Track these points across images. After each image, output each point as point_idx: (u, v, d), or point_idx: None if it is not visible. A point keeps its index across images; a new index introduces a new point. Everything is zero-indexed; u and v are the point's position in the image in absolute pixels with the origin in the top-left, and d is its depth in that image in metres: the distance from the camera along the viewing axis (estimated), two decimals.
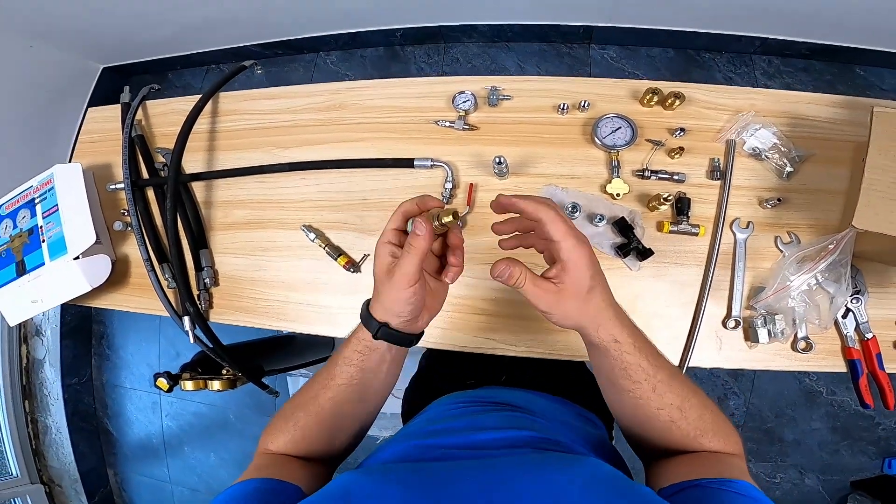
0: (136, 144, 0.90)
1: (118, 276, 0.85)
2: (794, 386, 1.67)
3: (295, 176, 0.83)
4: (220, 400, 1.93)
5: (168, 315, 0.80)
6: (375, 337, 0.44)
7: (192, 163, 0.89)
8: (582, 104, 0.74)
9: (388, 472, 0.39)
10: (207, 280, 0.80)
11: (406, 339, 0.46)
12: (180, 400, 2.01)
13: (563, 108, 0.75)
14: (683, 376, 0.46)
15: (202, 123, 0.90)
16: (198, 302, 0.79)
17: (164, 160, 0.90)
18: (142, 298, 0.84)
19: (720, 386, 1.71)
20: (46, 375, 1.98)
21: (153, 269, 0.80)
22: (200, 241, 0.83)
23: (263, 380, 0.98)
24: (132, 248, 0.85)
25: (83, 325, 2.10)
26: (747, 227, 0.69)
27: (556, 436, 0.49)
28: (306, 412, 0.49)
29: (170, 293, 0.81)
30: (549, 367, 0.75)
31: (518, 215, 0.44)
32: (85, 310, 2.08)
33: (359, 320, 0.47)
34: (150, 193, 0.88)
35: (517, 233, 0.47)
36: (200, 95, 0.87)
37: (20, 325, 1.80)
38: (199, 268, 0.82)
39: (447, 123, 0.78)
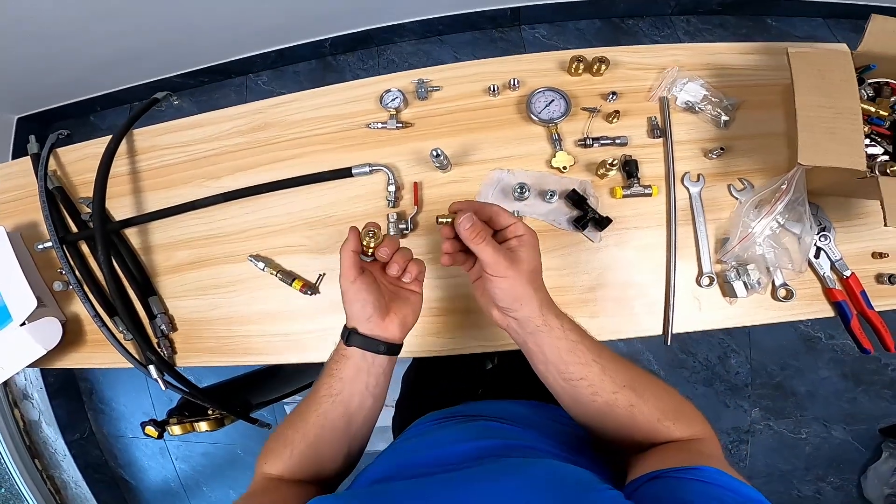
0: (57, 197, 0.83)
1: (73, 335, 0.81)
2: (791, 335, 1.68)
3: (232, 206, 0.78)
4: (225, 437, 1.92)
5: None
6: (347, 343, 0.48)
7: (120, 208, 0.83)
8: (512, 83, 0.72)
9: (352, 498, 0.41)
10: (164, 327, 0.76)
11: (374, 344, 0.48)
12: (186, 442, 2.01)
13: (493, 90, 0.73)
14: (626, 359, 0.47)
15: (122, 165, 0.84)
16: (159, 349, 0.75)
17: (89, 210, 0.83)
18: (104, 354, 0.80)
19: (717, 345, 1.71)
20: (47, 434, 1.96)
21: (104, 325, 0.76)
22: (147, 289, 0.78)
23: (257, 412, 0.96)
24: (81, 306, 0.80)
25: (69, 383, 2.05)
26: (698, 179, 0.68)
27: (525, 441, 0.48)
28: (295, 430, 0.51)
29: (129, 345, 0.77)
30: (527, 374, 0.73)
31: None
32: (66, 369, 2.04)
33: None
34: (85, 248, 0.82)
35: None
36: (111, 136, 0.81)
37: (5, 391, 1.88)
38: (151, 316, 0.77)
39: (379, 125, 0.74)
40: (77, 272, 0.78)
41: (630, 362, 0.47)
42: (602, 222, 0.67)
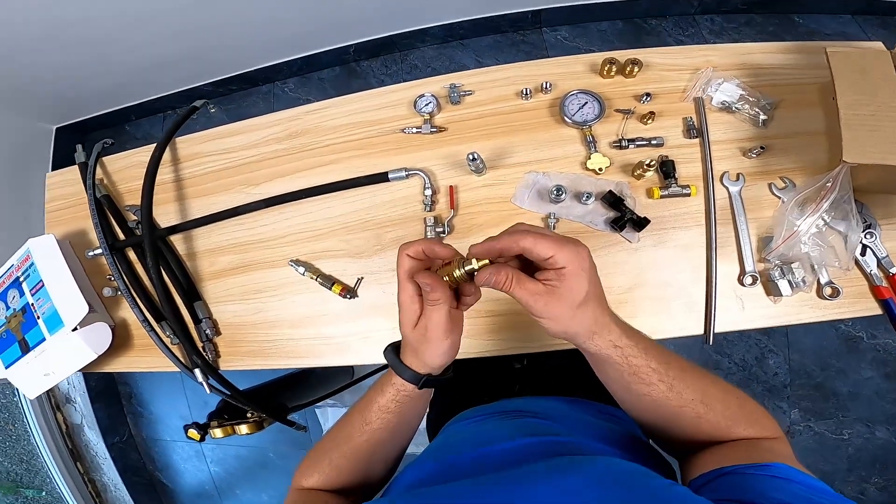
0: (104, 205, 0.87)
1: (122, 339, 0.84)
2: (831, 335, 1.63)
3: (272, 212, 0.80)
4: (257, 441, 1.96)
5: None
6: (421, 387, 0.45)
7: (165, 215, 0.86)
8: (544, 86, 0.73)
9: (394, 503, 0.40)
10: (208, 331, 0.79)
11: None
12: (220, 446, 2.06)
13: (526, 94, 0.74)
14: (698, 368, 0.44)
15: (166, 173, 0.87)
16: (204, 353, 0.78)
17: (136, 218, 0.87)
18: (151, 358, 0.83)
19: (754, 346, 1.66)
20: (89, 438, 2.03)
21: (153, 329, 0.79)
22: (192, 294, 0.81)
23: (290, 416, 0.98)
24: (129, 311, 0.83)
25: (110, 388, 2.12)
26: (738, 179, 0.68)
27: (572, 438, 0.47)
28: (340, 453, 0.50)
29: (175, 349, 0.80)
30: (563, 369, 0.73)
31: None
32: (106, 374, 2.12)
33: (381, 359, 0.47)
34: (132, 254, 0.85)
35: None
36: (155, 144, 0.85)
37: (49, 395, 1.92)
38: (196, 320, 0.80)
39: (414, 130, 0.76)
40: (125, 278, 0.81)
41: (700, 370, 0.44)
42: (640, 223, 0.67)
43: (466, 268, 0.39)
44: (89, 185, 0.85)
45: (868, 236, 0.64)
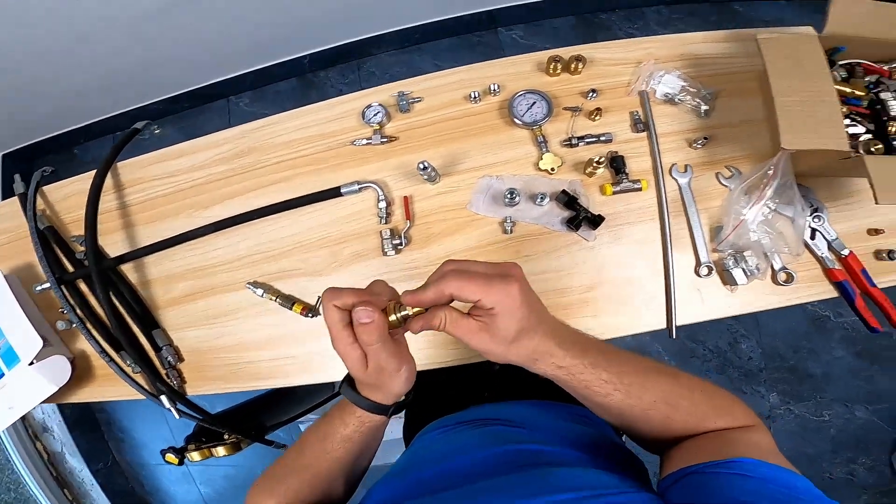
0: (48, 237, 0.83)
1: (83, 370, 0.81)
2: (799, 316, 1.66)
3: (224, 235, 0.78)
4: (244, 460, 1.90)
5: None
6: (390, 415, 0.45)
7: (113, 244, 0.82)
8: (492, 88, 0.73)
9: None
10: (170, 358, 0.76)
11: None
12: (207, 467, 2.01)
13: (474, 97, 0.73)
14: (658, 368, 0.43)
15: (110, 200, 0.84)
16: (168, 380, 0.76)
17: (83, 248, 0.83)
18: (115, 387, 0.80)
19: (726, 332, 1.69)
20: (73, 465, 1.98)
21: (112, 360, 0.77)
22: (149, 322, 0.79)
23: (273, 434, 0.97)
24: (87, 342, 0.79)
25: (87, 416, 2.07)
26: (686, 170, 0.69)
27: (540, 445, 0.47)
28: (300, 479, 0.49)
29: (139, 377, 0.77)
30: (531, 373, 0.73)
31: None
32: (81, 402, 2.07)
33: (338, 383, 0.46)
34: (84, 285, 0.82)
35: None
36: (95, 171, 0.81)
37: (25, 425, 1.91)
38: (157, 348, 0.77)
39: (364, 141, 0.74)
40: (78, 311, 0.78)
41: (661, 370, 0.43)
42: (595, 220, 0.67)
43: (401, 313, 0.39)
44: (30, 217, 0.81)
45: (816, 220, 0.65)
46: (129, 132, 0.87)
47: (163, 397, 0.74)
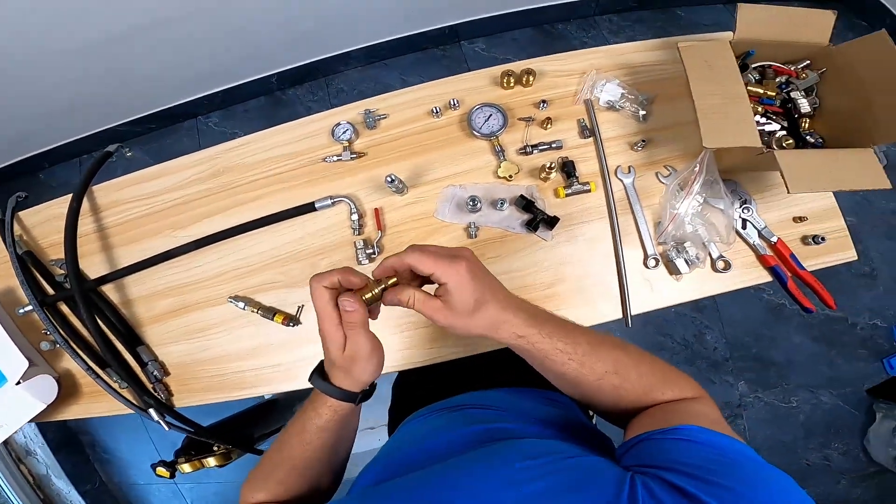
0: (28, 261, 0.84)
1: (70, 388, 0.82)
2: (756, 305, 1.72)
3: (204, 252, 0.81)
4: (234, 475, 1.90)
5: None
6: (358, 402, 0.48)
7: (93, 266, 0.84)
8: (452, 103, 0.79)
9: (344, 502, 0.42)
10: (156, 373, 0.79)
11: (372, 390, 0.50)
12: (198, 484, 1.99)
13: (436, 112, 0.79)
14: (610, 340, 0.47)
15: (87, 223, 0.86)
16: (155, 393, 0.78)
17: (63, 271, 0.84)
18: (103, 403, 0.82)
19: (690, 324, 1.74)
20: (60, 487, 1.95)
21: (99, 377, 0.78)
22: (133, 339, 0.81)
23: (260, 445, 0.99)
24: (72, 361, 0.80)
25: (70, 438, 2.02)
26: (629, 171, 0.76)
27: (508, 423, 0.51)
28: (285, 471, 0.51)
29: (126, 392, 0.79)
30: (509, 363, 0.78)
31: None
32: (63, 424, 2.04)
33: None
34: (65, 307, 0.84)
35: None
36: (71, 195, 0.83)
37: (7, 449, 1.89)
38: (142, 364, 0.80)
39: (335, 158, 0.79)
40: (61, 331, 0.79)
41: (613, 344, 0.46)
42: (551, 222, 0.73)
43: (377, 289, 0.43)
44: (9, 243, 0.82)
45: (745, 211, 0.73)
46: (101, 155, 0.89)
47: (151, 410, 0.76)
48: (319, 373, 0.48)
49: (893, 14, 1.73)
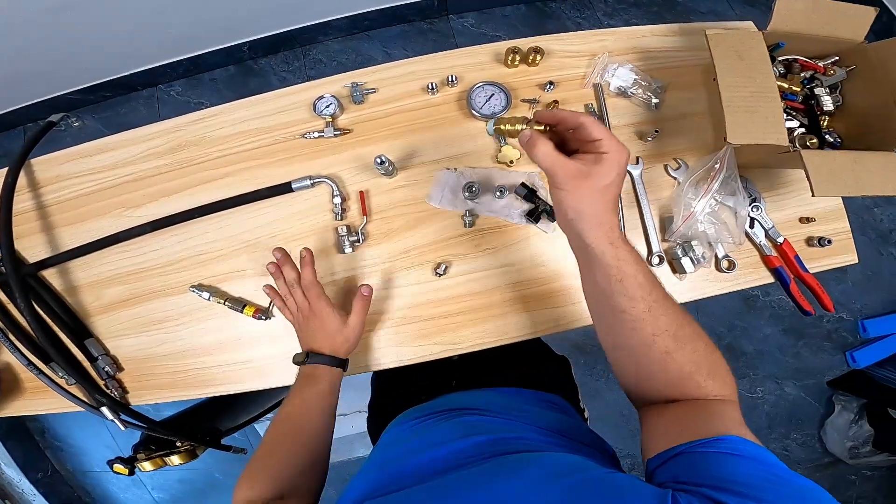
0: None
1: (8, 383, 0.74)
2: (732, 296, 1.72)
3: (161, 235, 0.71)
4: (200, 462, 1.82)
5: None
6: (344, 368, 0.62)
7: (32, 248, 0.74)
8: (450, 79, 0.71)
9: None
10: (108, 368, 0.70)
11: (347, 360, 0.64)
12: (160, 471, 1.89)
13: (432, 88, 0.71)
14: (680, 307, 0.44)
15: (24, 201, 0.75)
16: (108, 390, 0.70)
17: None
18: (48, 400, 0.73)
19: None
20: (11, 476, 1.89)
21: (42, 372, 0.70)
22: (80, 331, 0.72)
23: (228, 438, 0.93)
24: (10, 355, 0.72)
25: (17, 425, 1.93)
26: (637, 162, 0.71)
27: (513, 432, 0.47)
28: (281, 456, 0.54)
29: (74, 389, 0.70)
30: (499, 360, 0.73)
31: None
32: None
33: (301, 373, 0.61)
34: (1, 294, 0.73)
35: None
36: (6, 169, 0.71)
37: None
38: (92, 359, 0.71)
39: (316, 134, 0.70)
40: None
41: (682, 310, 0.44)
42: (553, 213, 0.67)
43: (523, 125, 0.47)
44: None
45: (755, 209, 0.69)
46: (43, 125, 0.77)
47: (104, 409, 0.68)
48: (305, 356, 0.60)
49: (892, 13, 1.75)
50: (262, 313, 0.69)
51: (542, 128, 0.45)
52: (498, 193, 0.67)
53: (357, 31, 1.85)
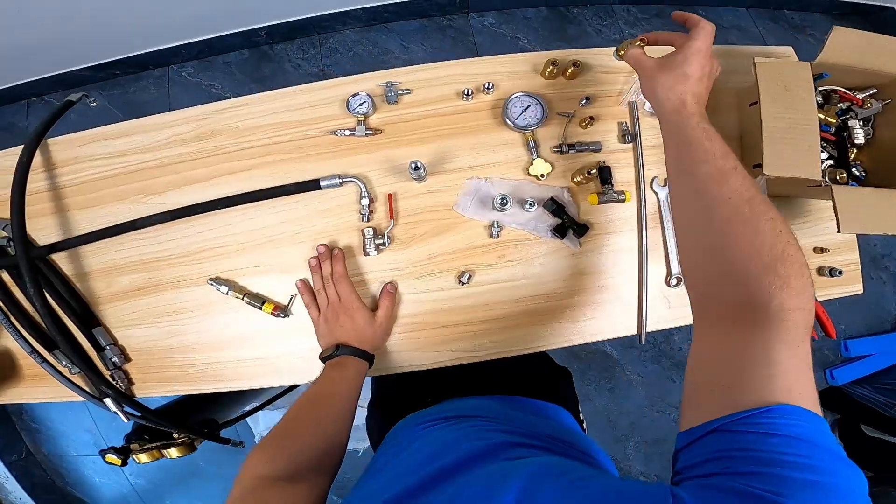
0: None
1: (5, 370, 0.72)
2: None
3: (181, 224, 0.70)
4: None
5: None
6: (370, 361, 0.65)
7: (43, 230, 0.72)
8: (486, 86, 0.70)
9: None
10: (115, 359, 0.69)
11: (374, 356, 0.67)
12: None
13: (467, 94, 0.70)
14: (757, 189, 0.42)
15: (38, 181, 0.73)
16: (114, 382, 0.68)
17: (6, 234, 0.71)
18: (47, 388, 0.72)
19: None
20: None
21: (45, 360, 0.69)
22: (88, 319, 0.70)
23: (224, 432, 0.92)
24: (11, 340, 0.70)
25: None
26: (665, 184, 0.71)
27: (512, 437, 0.47)
28: (297, 442, 0.53)
29: (77, 378, 0.69)
30: (502, 369, 0.73)
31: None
32: None
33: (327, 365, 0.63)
34: (6, 276, 0.71)
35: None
36: (22, 147, 0.69)
37: None
38: (99, 348, 0.69)
39: (347, 132, 0.69)
40: (2, 305, 0.68)
41: (757, 191, 0.42)
42: (581, 229, 0.67)
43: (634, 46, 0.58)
44: None
45: None
46: (62, 104, 0.75)
47: (107, 400, 0.67)
48: (335, 348, 0.63)
49: None
50: (282, 311, 0.68)
51: (640, 44, 0.58)
52: (527, 206, 0.67)
53: (375, 23, 1.82)
